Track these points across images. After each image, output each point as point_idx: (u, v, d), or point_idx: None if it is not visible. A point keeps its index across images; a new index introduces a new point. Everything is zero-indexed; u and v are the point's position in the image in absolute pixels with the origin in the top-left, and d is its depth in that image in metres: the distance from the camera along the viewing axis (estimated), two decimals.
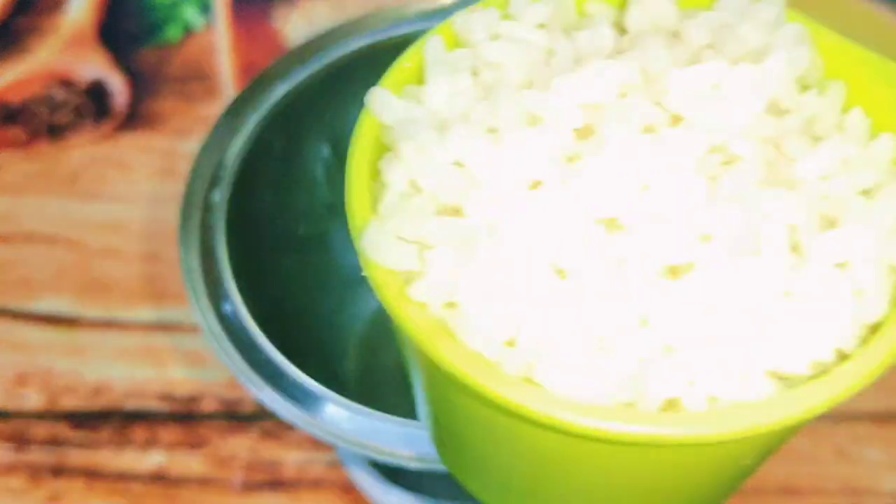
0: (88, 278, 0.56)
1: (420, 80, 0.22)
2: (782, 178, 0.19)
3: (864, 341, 0.18)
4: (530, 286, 0.18)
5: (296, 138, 0.42)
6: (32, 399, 0.52)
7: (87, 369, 0.53)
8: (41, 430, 0.51)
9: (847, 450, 0.50)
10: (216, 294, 0.36)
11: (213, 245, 0.37)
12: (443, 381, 0.19)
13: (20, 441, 0.51)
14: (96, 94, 0.65)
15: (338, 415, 0.34)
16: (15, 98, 0.65)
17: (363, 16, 0.45)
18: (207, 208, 0.38)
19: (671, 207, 0.18)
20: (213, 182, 0.39)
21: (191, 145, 0.62)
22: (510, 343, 0.18)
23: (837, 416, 0.51)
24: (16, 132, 0.63)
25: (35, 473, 0.50)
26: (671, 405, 0.18)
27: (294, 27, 0.69)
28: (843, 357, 0.18)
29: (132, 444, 0.50)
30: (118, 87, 0.65)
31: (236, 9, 0.70)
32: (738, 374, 0.18)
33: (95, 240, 0.58)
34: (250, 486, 0.49)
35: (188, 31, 0.68)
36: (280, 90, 0.41)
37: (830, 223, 0.19)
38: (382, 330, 0.48)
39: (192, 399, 0.52)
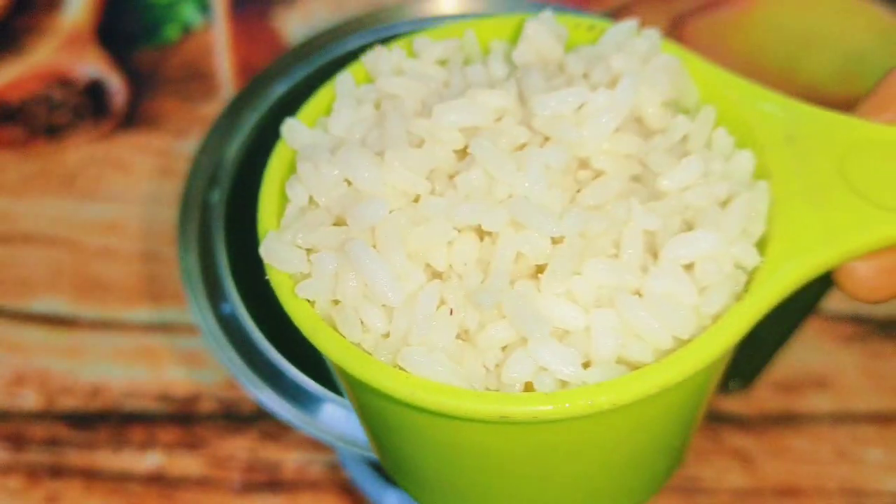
0: (86, 278, 0.56)
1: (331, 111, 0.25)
2: (650, 190, 0.22)
3: (706, 330, 0.21)
4: (404, 284, 0.20)
5: None
6: (30, 399, 0.52)
7: (85, 370, 0.53)
8: (39, 430, 0.51)
9: (847, 450, 0.50)
10: (214, 294, 0.37)
11: (211, 245, 0.37)
12: (345, 377, 0.22)
13: (18, 441, 0.51)
14: (95, 94, 0.65)
15: (337, 415, 0.34)
16: (13, 98, 0.65)
17: (362, 15, 0.45)
18: (206, 208, 0.38)
19: (529, 215, 0.20)
20: (212, 182, 0.39)
21: (189, 145, 0.62)
22: (385, 335, 0.21)
23: (838, 417, 0.51)
24: (14, 132, 0.63)
25: (33, 474, 0.50)
26: (529, 388, 0.20)
27: (293, 27, 0.69)
28: (682, 344, 0.20)
29: (130, 445, 0.50)
30: (116, 87, 0.65)
31: (235, 8, 0.70)
32: (586, 361, 0.20)
33: (93, 240, 0.58)
34: (249, 487, 0.49)
35: (187, 30, 0.69)
36: (279, 90, 0.41)
37: (690, 229, 0.22)
38: None
39: (191, 400, 0.52)
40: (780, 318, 0.43)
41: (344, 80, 0.25)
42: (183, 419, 0.51)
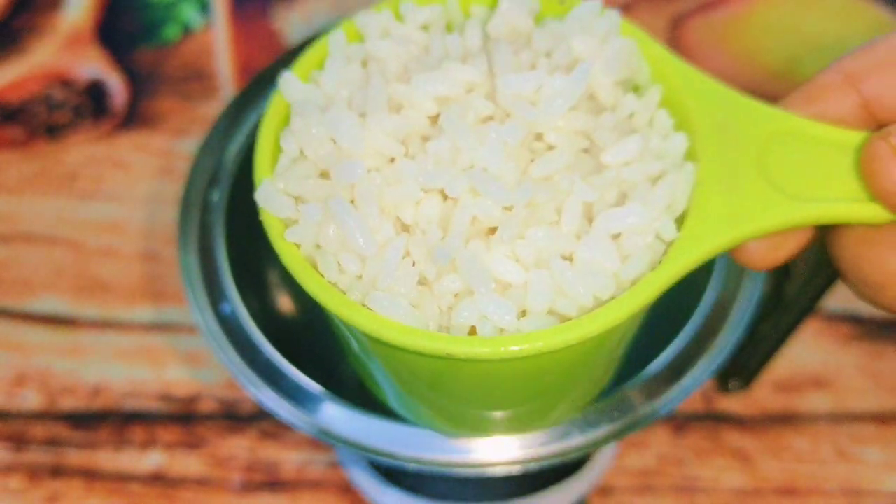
0: (87, 278, 0.57)
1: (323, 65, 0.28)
2: (591, 165, 0.25)
3: (622, 294, 0.24)
4: (376, 236, 0.24)
5: None
6: (31, 399, 0.52)
7: (86, 370, 0.53)
8: (40, 430, 0.51)
9: (847, 450, 0.50)
10: (215, 294, 0.37)
11: (211, 245, 0.38)
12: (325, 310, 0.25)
13: (19, 441, 0.51)
14: (95, 94, 0.65)
15: (336, 415, 0.34)
16: (13, 98, 0.65)
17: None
18: (206, 208, 0.38)
19: (485, 185, 0.24)
20: (212, 182, 0.39)
21: (189, 145, 0.62)
22: (359, 277, 0.24)
23: (838, 417, 0.51)
24: (14, 132, 0.63)
25: (34, 474, 0.50)
26: (473, 332, 0.24)
27: (293, 26, 0.69)
28: (601, 304, 0.24)
29: (131, 445, 0.51)
30: (117, 87, 0.66)
31: (235, 8, 0.70)
32: (523, 311, 0.24)
33: (94, 240, 0.58)
34: (249, 487, 0.49)
35: (187, 30, 0.69)
36: None
37: (625, 199, 0.24)
38: None
39: (191, 399, 0.52)
40: (779, 318, 0.43)
41: (337, 37, 0.28)
42: (183, 419, 0.51)
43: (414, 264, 0.24)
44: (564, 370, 0.26)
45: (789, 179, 0.24)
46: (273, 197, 0.25)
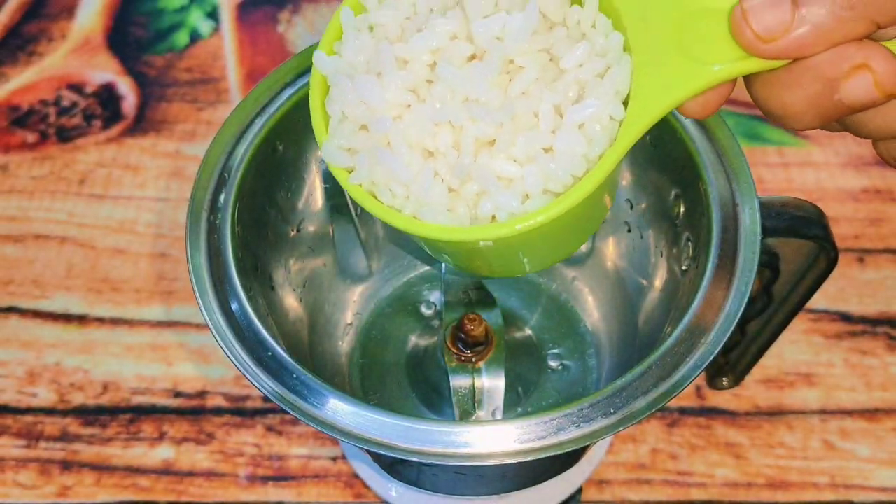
0: (98, 277, 0.57)
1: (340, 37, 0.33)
2: (556, 71, 0.31)
3: (592, 168, 0.30)
4: (410, 168, 0.31)
5: (300, 142, 0.43)
6: (43, 395, 0.53)
7: (97, 366, 0.54)
8: (51, 425, 0.52)
9: (836, 444, 0.51)
10: (222, 292, 0.37)
11: (219, 245, 0.38)
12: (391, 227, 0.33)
13: (30, 437, 0.51)
14: (105, 98, 0.66)
15: (341, 410, 0.34)
16: (26, 102, 0.65)
17: None
18: (214, 209, 0.39)
19: (479, 113, 0.30)
20: (220, 183, 0.39)
21: (197, 148, 0.63)
22: (406, 198, 0.31)
23: (827, 412, 0.52)
24: (26, 135, 0.64)
25: (45, 468, 0.50)
26: (493, 219, 0.31)
27: (298, 32, 0.70)
28: (577, 180, 0.30)
29: (140, 440, 0.51)
30: (127, 92, 0.66)
31: (242, 15, 0.70)
32: (524, 196, 0.31)
33: (104, 240, 0.59)
34: (256, 480, 0.50)
35: (195, 37, 0.69)
36: (285, 94, 0.41)
37: (583, 92, 0.30)
38: (384, 327, 0.49)
39: (199, 395, 0.53)
40: (769, 316, 0.44)
41: (346, 13, 0.33)
42: (191, 414, 0.52)
43: (442, 180, 0.31)
44: (562, 229, 0.33)
45: (701, 50, 0.30)
46: (334, 153, 0.32)
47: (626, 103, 0.31)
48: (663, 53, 0.30)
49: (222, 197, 0.39)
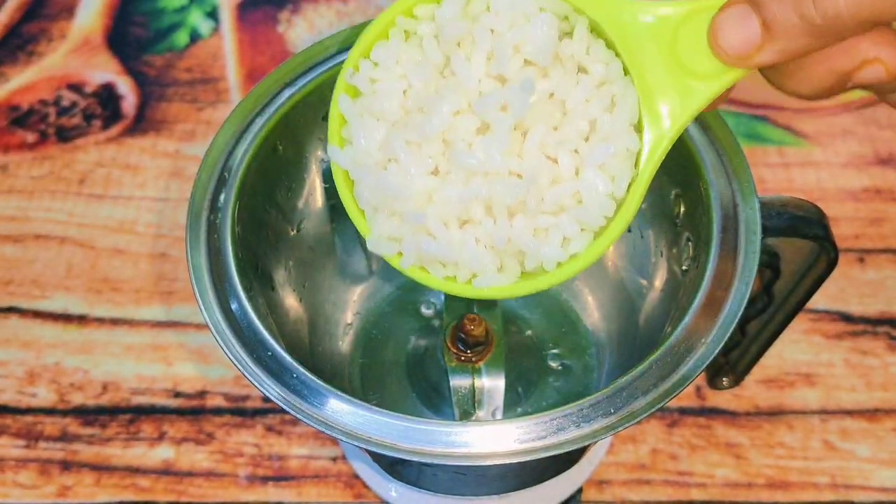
0: (97, 277, 0.57)
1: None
2: (560, 105, 0.31)
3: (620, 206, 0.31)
4: (453, 242, 0.32)
5: (300, 141, 0.43)
6: (42, 395, 0.53)
7: (96, 366, 0.54)
8: (51, 425, 0.52)
9: (837, 445, 0.51)
10: (222, 292, 0.37)
11: (219, 245, 0.38)
12: None
13: (30, 437, 0.51)
14: (105, 98, 0.66)
15: (341, 410, 0.34)
16: (25, 102, 0.65)
17: (366, 21, 0.46)
18: (214, 209, 0.39)
19: (503, 186, 0.31)
20: (220, 183, 0.39)
21: (197, 147, 0.63)
22: (456, 264, 0.32)
23: (827, 412, 0.52)
24: (26, 135, 0.64)
25: (45, 468, 0.50)
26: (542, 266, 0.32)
27: (297, 33, 0.70)
28: (609, 219, 0.31)
29: (140, 440, 0.51)
30: (126, 91, 0.66)
31: (242, 15, 0.70)
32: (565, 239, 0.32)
33: (104, 240, 0.59)
34: (256, 480, 0.50)
35: (195, 37, 0.69)
36: (285, 95, 0.41)
37: (594, 125, 0.31)
38: (385, 327, 0.49)
39: (199, 395, 0.53)
40: (769, 316, 0.44)
41: (344, 101, 0.33)
42: (191, 414, 0.52)
43: (485, 246, 0.32)
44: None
45: (697, 61, 0.29)
46: (381, 246, 0.33)
47: (635, 125, 0.31)
48: (664, 73, 0.30)
49: (222, 197, 0.39)
